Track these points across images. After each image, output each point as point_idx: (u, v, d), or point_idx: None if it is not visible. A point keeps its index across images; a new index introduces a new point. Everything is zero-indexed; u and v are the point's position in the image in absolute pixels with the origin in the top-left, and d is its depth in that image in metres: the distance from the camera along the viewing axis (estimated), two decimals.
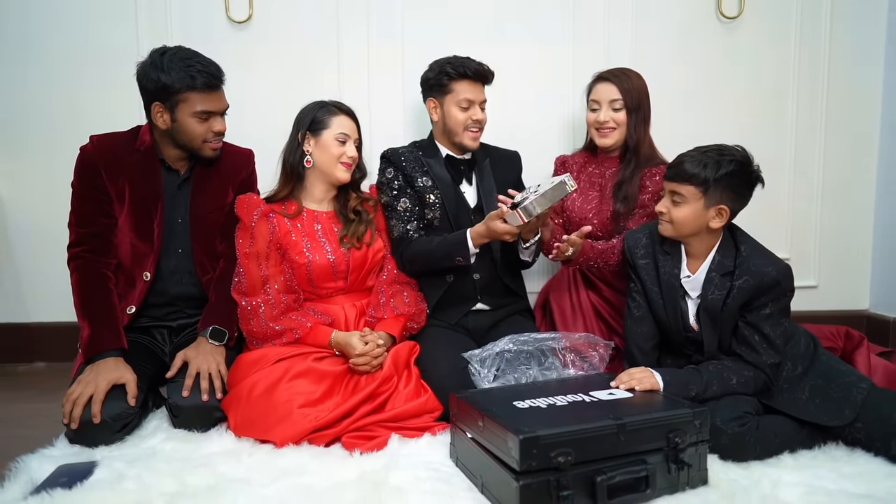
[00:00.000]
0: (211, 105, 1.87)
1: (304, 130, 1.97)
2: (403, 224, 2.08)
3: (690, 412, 1.46)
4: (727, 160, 1.67)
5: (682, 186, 1.71)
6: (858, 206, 2.78)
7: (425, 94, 2.15)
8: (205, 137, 1.89)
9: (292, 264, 1.93)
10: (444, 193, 2.10)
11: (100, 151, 1.88)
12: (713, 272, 1.74)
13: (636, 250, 1.86)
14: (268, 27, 2.52)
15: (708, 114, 2.65)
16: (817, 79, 2.69)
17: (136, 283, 1.92)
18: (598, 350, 1.86)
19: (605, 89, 2.15)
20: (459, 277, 2.09)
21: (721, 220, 1.71)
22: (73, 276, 1.87)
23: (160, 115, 1.86)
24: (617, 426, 1.38)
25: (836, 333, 2.20)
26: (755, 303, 1.69)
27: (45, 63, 2.49)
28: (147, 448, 1.66)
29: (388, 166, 2.13)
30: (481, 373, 1.80)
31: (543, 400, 1.53)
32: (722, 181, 1.67)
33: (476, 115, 2.08)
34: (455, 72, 2.05)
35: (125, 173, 1.89)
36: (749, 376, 1.67)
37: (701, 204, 1.70)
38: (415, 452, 1.63)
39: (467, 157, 2.17)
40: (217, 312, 1.91)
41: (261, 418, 1.71)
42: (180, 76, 1.81)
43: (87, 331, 1.80)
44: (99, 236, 1.89)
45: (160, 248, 1.92)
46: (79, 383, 1.71)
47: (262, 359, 1.83)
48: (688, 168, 1.69)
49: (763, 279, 1.68)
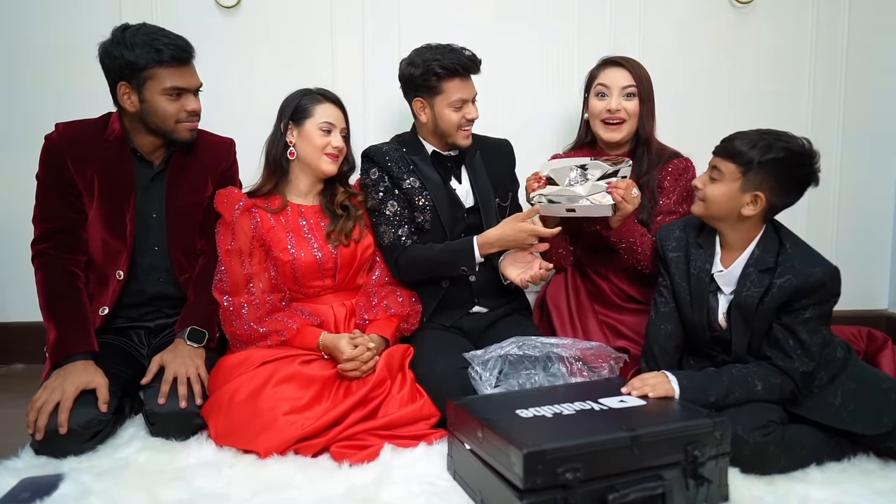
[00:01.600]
0: (181, 81, 1.74)
1: (286, 120, 1.86)
2: (394, 230, 1.93)
3: (710, 422, 1.34)
4: (780, 146, 1.53)
5: (724, 162, 1.58)
6: (877, 202, 2.66)
7: (410, 94, 1.97)
8: (177, 117, 1.76)
9: (276, 262, 1.82)
10: (434, 194, 1.95)
11: (66, 140, 1.76)
12: (750, 267, 1.61)
13: (667, 242, 1.75)
14: (257, 12, 2.40)
15: (719, 105, 2.52)
16: (835, 68, 2.56)
17: (109, 283, 1.80)
18: (608, 362, 1.74)
19: (616, 74, 1.99)
20: (455, 281, 1.97)
21: (754, 208, 1.57)
22: (38, 274, 1.76)
23: (127, 97, 1.73)
24: (630, 438, 1.26)
25: (857, 335, 2.08)
26: (795, 304, 1.56)
27: (15, 49, 2.36)
28: (119, 459, 1.55)
29: (371, 166, 1.98)
30: (482, 376, 1.68)
31: (549, 408, 1.41)
32: (766, 166, 1.54)
33: (470, 113, 1.93)
34: (444, 70, 1.87)
35: (94, 164, 1.77)
36: (776, 383, 1.55)
37: (737, 185, 1.56)
38: (409, 464, 1.52)
39: (454, 153, 2.02)
40: (196, 312, 1.79)
41: (243, 426, 1.60)
42: (145, 51, 1.68)
43: (53, 333, 1.68)
44: (66, 232, 1.78)
45: (133, 245, 1.80)
46: (44, 389, 1.59)
47: (245, 361, 1.72)
48: (736, 144, 1.56)
49: (808, 279, 1.55)
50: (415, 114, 1.99)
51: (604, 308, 2.06)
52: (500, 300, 2.03)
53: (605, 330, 2.02)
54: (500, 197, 2.05)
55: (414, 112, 1.98)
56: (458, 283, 1.97)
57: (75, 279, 1.76)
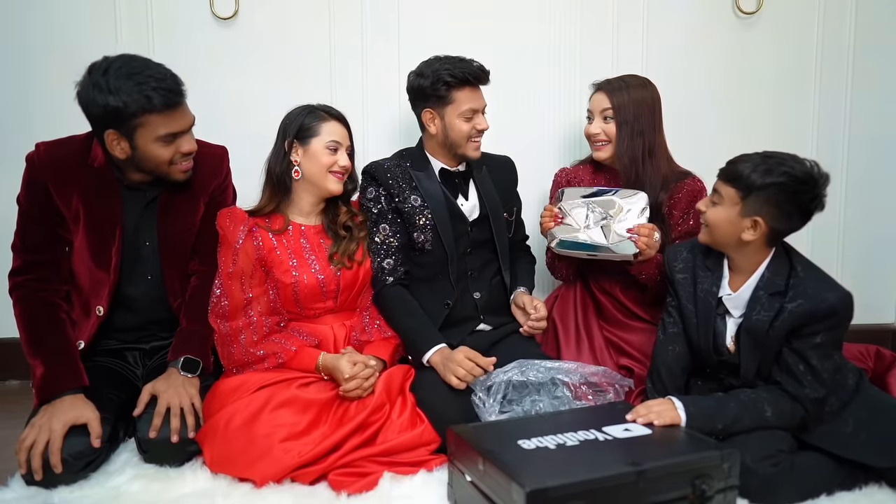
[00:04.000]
0: (174, 126, 1.62)
1: (290, 138, 1.80)
2: (379, 258, 1.88)
3: (718, 454, 1.30)
4: (781, 170, 1.48)
5: (725, 186, 1.55)
6: (883, 214, 2.61)
7: (419, 105, 1.92)
8: (172, 160, 1.66)
9: (277, 283, 1.77)
10: (436, 212, 1.90)
11: (47, 165, 1.67)
12: (760, 290, 1.57)
13: (675, 264, 1.71)
14: (254, 24, 2.36)
15: (723, 116, 2.49)
16: (841, 79, 2.52)
17: (90, 315, 1.73)
18: (613, 386, 1.69)
19: (596, 99, 2.01)
20: (460, 298, 1.93)
21: (753, 233, 1.53)
22: (17, 307, 1.68)
23: (116, 144, 1.61)
24: (636, 474, 1.22)
25: (865, 353, 2.05)
26: (805, 329, 1.52)
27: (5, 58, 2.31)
28: (111, 488, 1.51)
29: (370, 184, 1.92)
30: (486, 402, 1.64)
31: (552, 438, 1.37)
32: (766, 191, 1.49)
33: (480, 124, 1.89)
34: (454, 79, 1.83)
35: (78, 191, 1.68)
36: (786, 409, 1.51)
37: (736, 210, 1.53)
38: (408, 494, 1.49)
39: (461, 168, 1.98)
40: (189, 341, 1.73)
41: (239, 454, 1.56)
42: (133, 98, 1.54)
43: (40, 369, 1.61)
44: (48, 264, 1.70)
45: (117, 279, 1.72)
46: (31, 427, 1.52)
47: (241, 386, 1.67)
48: (738, 168, 1.52)
49: (820, 305, 1.50)
50: (423, 126, 1.93)
51: (609, 325, 2.03)
52: (506, 317, 1.99)
53: (609, 349, 1.99)
54: (506, 212, 2.03)
55: (423, 124, 1.93)
56: (462, 298, 1.93)
57: (57, 310, 1.69)
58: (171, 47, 2.30)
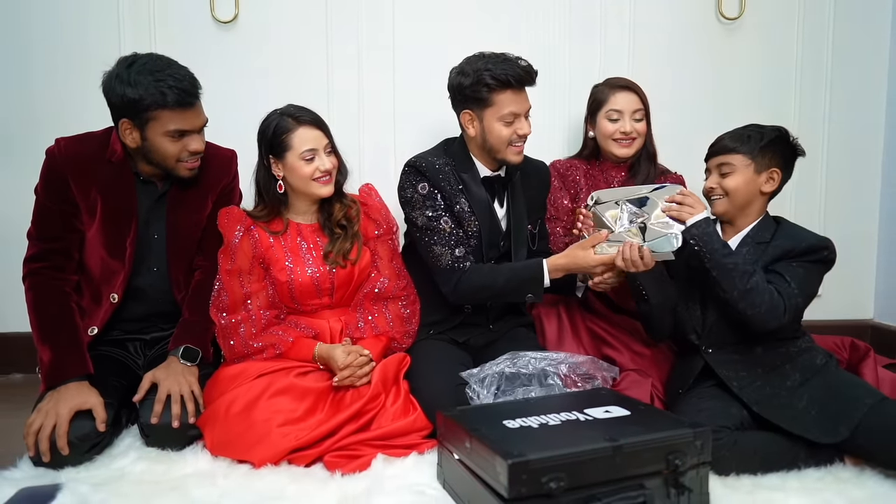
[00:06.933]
0: (185, 123, 1.70)
1: (267, 155, 1.83)
2: (450, 250, 1.82)
3: (691, 432, 1.37)
4: (768, 129, 1.74)
5: (731, 156, 1.74)
6: (862, 213, 2.70)
7: (458, 105, 1.86)
8: (178, 157, 1.73)
9: (274, 280, 1.84)
10: (481, 219, 1.85)
11: (68, 158, 1.74)
12: (749, 238, 1.75)
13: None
14: (254, 27, 2.43)
15: (707, 118, 2.54)
16: (820, 82, 2.62)
17: (102, 303, 1.79)
18: (601, 374, 1.77)
19: (627, 99, 2.10)
20: (475, 306, 1.93)
21: (773, 184, 1.74)
22: (29, 293, 1.74)
23: (129, 133, 1.70)
24: (613, 448, 1.29)
25: (840, 345, 2.13)
26: (785, 258, 1.69)
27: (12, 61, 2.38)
28: (116, 469, 1.57)
29: (421, 180, 1.85)
30: (480, 394, 1.69)
31: (535, 419, 1.43)
32: (769, 147, 1.73)
33: (522, 129, 1.81)
34: (496, 82, 1.76)
35: (97, 185, 1.75)
36: (772, 294, 1.63)
37: (751, 170, 1.73)
38: (400, 474, 1.55)
39: (501, 173, 1.93)
40: (190, 331, 1.79)
41: (238, 437, 1.62)
42: (149, 92, 1.63)
43: (48, 356, 1.66)
44: (62, 252, 1.76)
45: (131, 269, 1.79)
46: (38, 413, 1.59)
47: (241, 374, 1.74)
48: (733, 139, 1.75)
49: (800, 242, 1.70)
50: (462, 127, 1.88)
51: (593, 317, 2.10)
52: (510, 321, 2.02)
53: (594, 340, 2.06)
54: (531, 223, 2.00)
55: (462, 125, 1.88)
56: (479, 308, 1.94)
57: (68, 299, 1.74)
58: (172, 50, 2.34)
